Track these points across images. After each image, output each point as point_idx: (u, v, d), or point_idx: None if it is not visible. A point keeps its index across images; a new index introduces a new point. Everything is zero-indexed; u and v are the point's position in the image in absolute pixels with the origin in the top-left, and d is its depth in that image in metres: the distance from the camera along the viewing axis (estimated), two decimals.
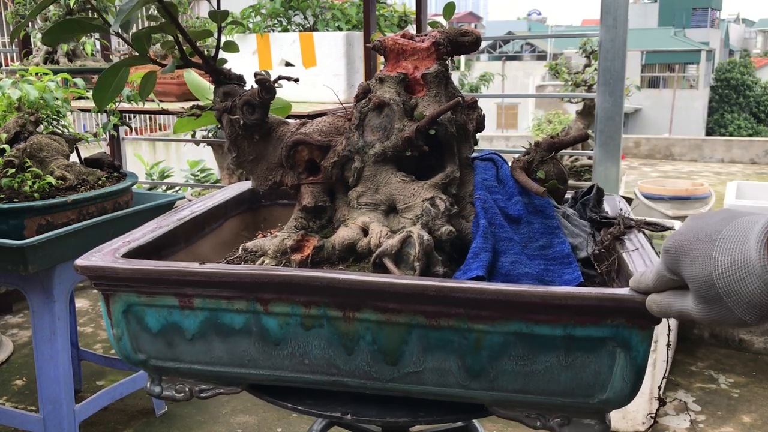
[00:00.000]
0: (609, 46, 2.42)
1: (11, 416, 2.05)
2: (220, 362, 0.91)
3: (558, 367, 0.81)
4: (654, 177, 8.68)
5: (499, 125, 21.33)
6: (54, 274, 1.83)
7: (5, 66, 5.32)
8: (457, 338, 0.82)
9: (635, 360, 0.80)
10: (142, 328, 0.92)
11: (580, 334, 0.80)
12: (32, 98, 1.93)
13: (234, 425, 2.38)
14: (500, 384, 0.83)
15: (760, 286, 0.63)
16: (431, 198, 0.93)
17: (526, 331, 0.80)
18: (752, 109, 23.45)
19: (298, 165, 1.03)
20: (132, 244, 0.99)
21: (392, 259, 0.87)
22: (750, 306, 0.64)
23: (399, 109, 0.98)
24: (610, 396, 0.82)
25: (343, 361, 0.86)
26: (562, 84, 5.22)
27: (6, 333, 3.15)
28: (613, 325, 0.79)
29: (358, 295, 0.82)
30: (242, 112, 1.00)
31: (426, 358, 0.83)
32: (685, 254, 0.69)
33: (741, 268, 0.64)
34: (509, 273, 0.90)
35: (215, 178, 5.19)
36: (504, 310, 0.80)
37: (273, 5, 3.26)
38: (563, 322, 0.79)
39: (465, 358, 0.82)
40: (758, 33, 42.57)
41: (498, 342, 0.81)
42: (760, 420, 2.39)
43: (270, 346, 0.88)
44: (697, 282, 0.67)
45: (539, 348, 0.81)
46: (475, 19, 39.56)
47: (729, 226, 0.67)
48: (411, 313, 0.81)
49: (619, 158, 2.56)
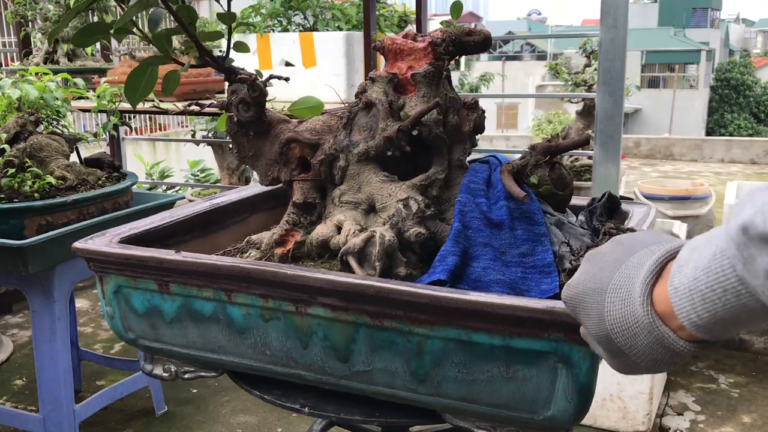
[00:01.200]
0: (609, 46, 2.41)
1: (11, 416, 2.05)
2: (195, 346, 0.96)
3: (500, 378, 0.78)
4: (654, 177, 8.68)
5: (499, 125, 21.33)
6: (54, 274, 1.83)
7: (5, 66, 5.32)
8: (401, 341, 0.81)
9: (577, 378, 0.75)
10: (129, 309, 0.98)
11: (519, 345, 0.76)
12: (32, 98, 1.93)
13: (234, 425, 2.38)
14: (445, 391, 0.81)
15: (652, 342, 0.57)
16: (405, 199, 0.93)
17: (464, 338, 0.78)
18: (752, 109, 23.45)
19: (290, 162, 1.05)
20: (134, 230, 1.04)
21: (356, 257, 0.88)
22: (655, 360, 0.58)
23: (384, 108, 0.98)
24: (554, 414, 0.77)
25: (300, 354, 0.88)
26: (562, 84, 5.22)
27: (6, 333, 3.15)
28: (551, 339, 0.75)
29: (307, 291, 0.84)
30: (237, 109, 1.04)
31: (374, 358, 0.83)
32: (580, 308, 0.63)
33: (631, 323, 0.58)
34: (479, 279, 0.87)
35: (215, 178, 5.19)
36: (441, 315, 0.78)
37: (273, 5, 3.26)
38: (500, 332, 0.76)
39: (410, 362, 0.81)
40: (758, 33, 42.57)
41: (439, 348, 0.79)
42: (760, 420, 2.39)
43: (236, 334, 0.92)
44: (597, 337, 0.62)
45: (479, 357, 0.78)
46: (475, 19, 39.54)
47: (619, 271, 0.61)
48: (356, 312, 0.82)
49: (619, 158, 2.56)
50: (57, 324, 1.87)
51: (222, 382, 2.65)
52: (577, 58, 5.30)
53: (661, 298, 0.56)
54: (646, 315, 0.56)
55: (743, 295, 0.50)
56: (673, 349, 0.56)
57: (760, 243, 0.48)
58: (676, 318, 0.55)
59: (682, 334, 0.56)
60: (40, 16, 3.29)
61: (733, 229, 0.50)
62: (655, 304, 0.57)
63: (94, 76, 3.03)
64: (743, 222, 0.49)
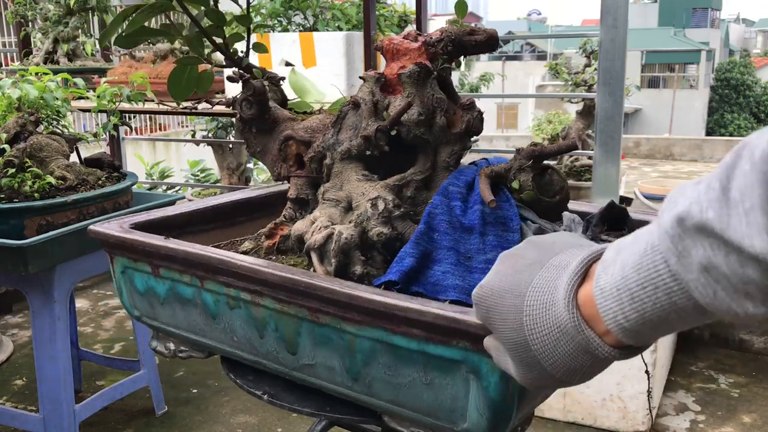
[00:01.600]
0: (609, 46, 2.41)
1: (11, 416, 2.05)
2: (182, 327, 1.01)
3: (420, 383, 0.76)
4: (654, 177, 8.68)
5: (499, 125, 21.33)
6: (54, 274, 1.83)
7: (5, 66, 5.32)
8: (336, 337, 0.81)
9: (487, 391, 0.71)
10: (133, 288, 1.04)
11: (434, 352, 0.73)
12: (32, 98, 1.93)
13: (234, 425, 2.38)
14: (375, 391, 0.81)
15: (574, 349, 0.54)
16: (374, 198, 0.93)
17: (386, 339, 0.77)
18: (752, 109, 23.45)
19: (288, 158, 1.09)
20: (150, 216, 1.11)
21: (317, 253, 0.88)
22: (570, 370, 0.55)
23: (367, 108, 0.99)
24: (469, 427, 0.74)
25: (259, 343, 0.91)
26: (562, 84, 5.21)
27: (6, 333, 3.15)
28: (460, 348, 0.71)
29: (256, 282, 0.87)
30: (241, 107, 1.08)
31: (316, 352, 0.84)
32: (495, 311, 0.59)
33: (553, 328, 0.54)
34: (438, 283, 0.85)
35: (215, 178, 5.19)
36: (364, 315, 0.77)
37: (273, 5, 3.26)
38: (415, 337, 0.74)
39: (345, 359, 0.81)
40: (758, 33, 42.58)
41: (367, 347, 0.79)
42: (760, 420, 2.39)
43: (210, 319, 0.96)
44: (511, 344, 0.57)
45: (401, 360, 0.76)
46: (475, 19, 39.53)
47: (540, 273, 0.57)
48: (297, 306, 0.84)
49: (619, 158, 2.56)
50: (57, 324, 1.87)
51: (222, 382, 2.65)
52: (577, 58, 5.29)
53: (585, 301, 0.54)
54: (572, 319, 0.53)
55: (674, 292, 0.48)
56: (597, 355, 0.53)
57: (695, 234, 0.46)
58: (602, 321, 0.52)
59: (607, 339, 0.53)
60: (40, 16, 3.29)
61: (668, 221, 0.48)
62: (580, 307, 0.54)
63: (94, 76, 3.03)
64: (679, 213, 0.47)
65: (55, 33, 3.26)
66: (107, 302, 3.54)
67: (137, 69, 2.67)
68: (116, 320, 3.30)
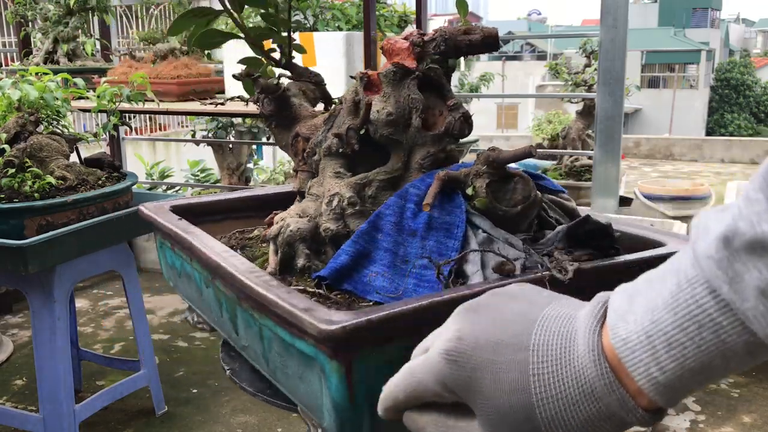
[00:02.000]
0: (609, 46, 2.42)
1: (11, 416, 2.05)
2: (190, 299, 1.08)
3: (297, 376, 0.74)
4: (654, 177, 8.69)
5: (499, 125, 21.33)
6: (54, 274, 1.83)
7: (5, 66, 5.32)
8: (252, 323, 0.82)
9: (330, 391, 0.67)
10: (166, 261, 1.13)
11: (299, 346, 0.71)
12: (32, 98, 1.93)
13: (234, 425, 2.38)
14: (279, 379, 0.80)
15: (595, 414, 0.44)
16: (333, 195, 0.94)
17: (273, 329, 0.76)
18: (752, 109, 23.46)
19: (297, 154, 1.12)
20: (192, 201, 1.21)
21: (273, 244, 0.93)
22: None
23: (347, 106, 1.01)
24: (327, 426, 0.70)
25: (223, 321, 0.94)
26: (562, 84, 5.22)
27: (6, 333, 3.15)
28: (310, 342, 0.68)
29: (204, 263, 0.91)
30: (262, 104, 1.12)
31: (246, 335, 0.86)
32: (486, 370, 0.46)
33: (573, 388, 0.44)
34: (369, 282, 0.85)
35: (215, 178, 5.19)
36: (256, 304, 0.78)
37: None
38: (286, 328, 0.72)
39: (260, 345, 0.82)
40: (758, 33, 42.59)
41: (268, 335, 0.78)
42: (760, 420, 2.39)
43: (199, 294, 1.01)
44: (501, 416, 0.46)
45: (285, 350, 0.75)
46: (475, 19, 39.55)
47: (539, 323, 0.47)
48: (230, 288, 0.87)
49: (619, 158, 2.57)
50: (57, 324, 1.87)
51: (222, 382, 2.65)
52: (577, 58, 5.30)
53: (607, 355, 0.44)
54: (602, 376, 0.43)
55: (723, 328, 0.41)
56: (624, 421, 0.44)
57: (747, 254, 0.39)
58: (632, 379, 0.43)
59: (639, 401, 0.44)
60: (40, 16, 3.29)
61: (708, 247, 0.41)
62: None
63: (94, 76, 3.03)
64: (722, 233, 0.40)
65: (55, 33, 3.26)
66: (107, 302, 3.54)
67: (137, 69, 2.67)
68: (116, 320, 3.31)
